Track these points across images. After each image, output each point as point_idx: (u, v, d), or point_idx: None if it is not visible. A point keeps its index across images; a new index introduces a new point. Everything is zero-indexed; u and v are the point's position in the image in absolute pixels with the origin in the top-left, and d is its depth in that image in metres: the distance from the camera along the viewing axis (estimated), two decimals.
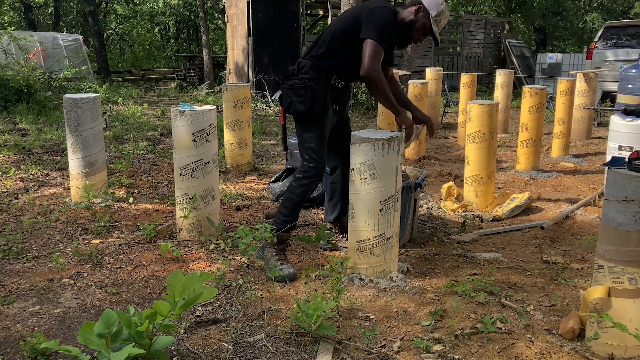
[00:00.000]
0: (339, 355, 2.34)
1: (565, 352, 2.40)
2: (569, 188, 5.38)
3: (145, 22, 27.54)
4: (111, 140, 7.28)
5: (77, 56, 15.23)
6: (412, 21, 3.18)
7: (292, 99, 3.16)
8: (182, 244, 3.65)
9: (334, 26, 3.23)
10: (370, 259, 3.05)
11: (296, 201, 3.21)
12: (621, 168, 2.30)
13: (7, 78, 9.42)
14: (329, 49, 3.17)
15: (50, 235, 3.79)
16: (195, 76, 16.63)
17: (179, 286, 2.12)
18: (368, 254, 3.04)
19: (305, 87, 3.12)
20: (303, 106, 3.14)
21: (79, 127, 4.41)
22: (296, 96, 3.15)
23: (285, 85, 3.19)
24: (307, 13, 15.94)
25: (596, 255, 2.38)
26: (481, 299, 2.87)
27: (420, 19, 3.16)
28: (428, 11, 3.14)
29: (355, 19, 3.12)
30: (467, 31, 16.46)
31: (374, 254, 3.04)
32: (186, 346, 2.39)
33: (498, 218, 4.36)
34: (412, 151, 6.68)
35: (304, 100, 3.13)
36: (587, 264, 3.41)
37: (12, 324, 2.58)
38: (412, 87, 6.84)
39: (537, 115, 5.82)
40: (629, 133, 4.38)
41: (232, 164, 5.81)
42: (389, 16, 3.09)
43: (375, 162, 2.92)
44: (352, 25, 3.12)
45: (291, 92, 3.16)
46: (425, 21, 3.16)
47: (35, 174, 5.44)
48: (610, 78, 10.30)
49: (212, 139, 3.64)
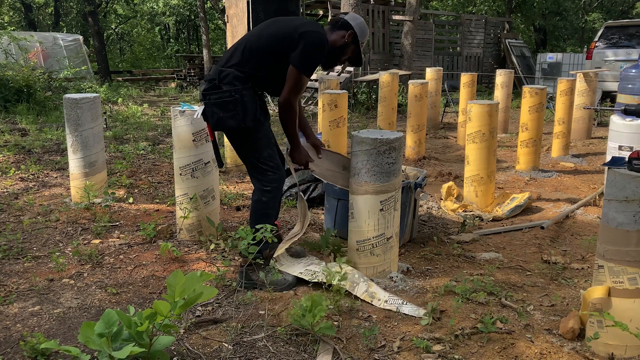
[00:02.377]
0: (339, 355, 2.34)
1: (565, 352, 2.40)
2: (569, 188, 5.38)
3: (145, 22, 27.54)
4: (111, 140, 7.28)
5: (77, 56, 15.25)
6: (343, 45, 3.01)
7: (219, 114, 2.88)
8: (182, 244, 3.65)
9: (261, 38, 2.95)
10: (371, 259, 3.05)
11: (271, 212, 3.03)
12: (621, 168, 2.30)
13: (7, 78, 9.43)
14: (255, 61, 2.92)
15: (50, 235, 3.79)
16: (195, 76, 16.63)
17: (179, 286, 2.12)
18: (368, 254, 3.05)
19: (233, 100, 2.86)
20: (234, 121, 2.88)
21: (79, 127, 4.41)
22: (224, 111, 2.87)
23: (210, 101, 2.89)
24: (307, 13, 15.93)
25: (596, 255, 2.38)
26: (481, 299, 2.87)
27: (351, 44, 3.02)
28: (357, 37, 3.01)
29: (287, 37, 2.88)
30: (467, 31, 16.46)
31: (374, 254, 3.04)
32: (186, 346, 2.39)
33: (498, 218, 4.36)
34: (412, 151, 6.68)
35: (233, 114, 2.87)
36: (587, 264, 3.41)
37: (12, 324, 2.58)
38: (412, 87, 6.84)
39: (537, 115, 5.81)
40: (629, 133, 4.39)
41: (232, 163, 5.80)
42: (323, 47, 2.91)
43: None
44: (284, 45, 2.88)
45: (217, 107, 2.88)
46: (354, 46, 3.03)
47: (35, 174, 5.45)
48: (610, 78, 10.29)
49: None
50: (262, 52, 2.91)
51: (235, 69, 2.90)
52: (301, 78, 2.87)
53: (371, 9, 13.87)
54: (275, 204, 3.06)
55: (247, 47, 2.94)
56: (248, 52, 2.93)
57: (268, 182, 2.98)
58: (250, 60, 2.91)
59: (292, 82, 2.87)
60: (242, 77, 2.89)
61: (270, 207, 3.00)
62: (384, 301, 2.82)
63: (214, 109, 2.89)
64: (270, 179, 2.98)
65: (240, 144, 3.00)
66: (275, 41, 2.91)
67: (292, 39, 2.86)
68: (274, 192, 3.00)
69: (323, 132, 5.38)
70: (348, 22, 3.01)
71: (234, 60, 2.93)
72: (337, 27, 3.03)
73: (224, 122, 2.89)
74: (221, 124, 2.91)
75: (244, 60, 2.92)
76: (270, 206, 3.01)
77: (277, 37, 2.92)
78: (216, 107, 2.88)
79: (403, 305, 2.77)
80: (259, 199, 2.99)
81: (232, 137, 3.00)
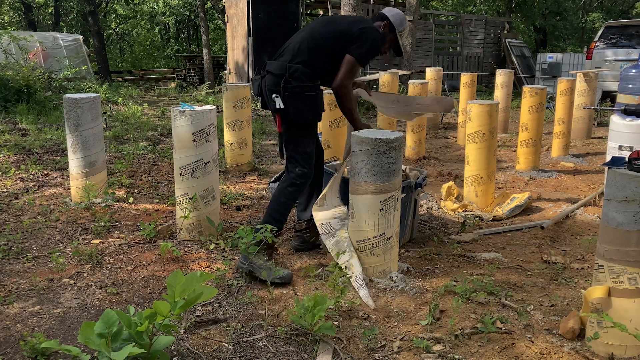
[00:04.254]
0: (339, 355, 2.34)
1: (565, 352, 2.40)
2: (569, 188, 5.38)
3: (145, 22, 27.55)
4: (111, 140, 7.28)
5: (77, 56, 15.24)
6: (382, 35, 3.33)
7: (300, 107, 3.14)
8: (182, 244, 3.65)
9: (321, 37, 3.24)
10: (370, 258, 3.05)
11: (290, 205, 3.27)
12: (621, 168, 2.30)
13: (7, 78, 9.42)
14: (318, 58, 3.20)
15: (50, 235, 3.79)
16: (195, 76, 16.63)
17: (179, 286, 2.12)
18: (368, 254, 3.05)
19: (313, 95, 3.16)
20: (311, 114, 3.19)
21: (79, 127, 4.41)
22: (304, 104, 3.15)
23: (292, 94, 3.13)
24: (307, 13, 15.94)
25: (596, 255, 2.38)
26: (481, 299, 2.87)
27: (388, 34, 3.36)
28: (394, 26, 3.35)
29: (344, 35, 3.19)
30: (467, 31, 16.46)
31: (374, 254, 3.04)
32: (186, 346, 2.39)
33: (498, 218, 4.36)
34: (412, 151, 6.68)
35: (311, 107, 3.17)
36: (587, 264, 3.41)
37: (12, 324, 2.58)
38: (412, 87, 6.84)
39: (537, 115, 5.81)
40: (629, 133, 4.38)
41: (232, 164, 5.81)
42: (379, 41, 3.25)
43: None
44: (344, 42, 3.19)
45: (299, 100, 3.13)
46: (392, 35, 3.37)
47: (35, 174, 5.45)
48: (610, 78, 10.29)
49: (212, 139, 3.64)
50: (323, 50, 3.20)
51: (303, 66, 3.15)
52: (356, 65, 3.19)
53: (371, 9, 13.87)
54: (297, 197, 3.34)
55: (309, 46, 3.20)
56: (310, 50, 3.19)
57: (299, 175, 3.24)
58: (314, 57, 3.18)
59: (348, 67, 3.16)
60: (310, 74, 3.16)
61: (292, 198, 3.27)
62: (354, 276, 2.97)
63: (296, 102, 3.13)
64: (300, 173, 3.24)
65: (300, 134, 3.25)
66: (336, 40, 3.21)
67: (352, 36, 3.17)
68: (300, 187, 3.27)
69: (323, 132, 5.38)
70: (384, 14, 3.38)
71: (301, 58, 3.17)
72: (376, 19, 3.38)
73: (303, 114, 3.17)
74: (300, 117, 3.17)
75: (309, 58, 3.17)
76: (293, 198, 3.28)
77: (337, 36, 3.21)
78: (299, 100, 3.13)
79: (362, 288, 2.91)
80: (286, 188, 3.25)
81: (296, 129, 3.23)
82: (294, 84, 3.12)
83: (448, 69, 15.76)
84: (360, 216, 3.02)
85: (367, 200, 2.98)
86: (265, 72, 3.26)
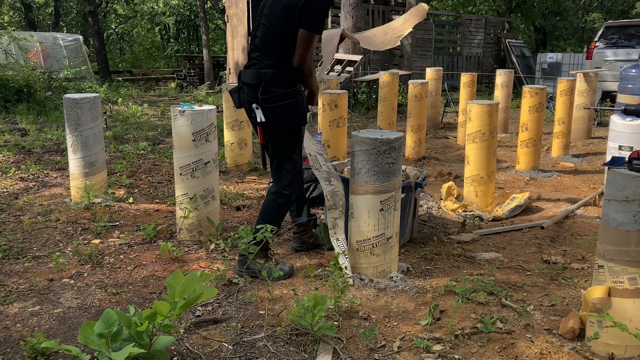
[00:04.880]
0: (339, 355, 2.34)
1: (565, 352, 2.40)
2: (569, 188, 5.38)
3: (145, 22, 27.56)
4: (111, 140, 7.28)
5: (77, 56, 15.24)
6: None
7: (281, 115, 2.97)
8: (182, 244, 3.65)
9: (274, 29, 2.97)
10: (371, 258, 3.05)
11: (283, 214, 3.21)
12: (621, 168, 2.30)
13: (7, 78, 9.42)
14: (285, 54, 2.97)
15: (50, 235, 3.79)
16: (195, 76, 16.63)
17: (179, 286, 2.12)
18: (368, 254, 3.05)
19: (294, 101, 2.98)
20: (296, 120, 3.02)
21: (79, 127, 4.41)
22: (286, 112, 2.97)
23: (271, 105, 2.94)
24: None
25: (596, 255, 2.38)
26: (481, 299, 2.87)
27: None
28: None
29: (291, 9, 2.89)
30: (467, 31, 16.46)
31: (374, 254, 3.04)
32: (186, 346, 2.39)
33: (498, 218, 4.36)
34: (412, 151, 6.68)
35: (293, 115, 3.00)
36: (587, 264, 3.41)
37: (12, 324, 2.58)
38: (412, 87, 6.83)
39: (537, 115, 5.81)
40: (629, 133, 4.38)
41: (232, 163, 5.80)
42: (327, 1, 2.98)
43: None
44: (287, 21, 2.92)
45: (278, 109, 2.95)
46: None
47: (35, 174, 5.45)
48: (610, 78, 10.29)
49: (212, 139, 3.64)
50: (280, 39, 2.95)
51: (276, 70, 2.95)
52: (313, 37, 2.94)
53: (371, 9, 13.87)
54: (289, 206, 3.24)
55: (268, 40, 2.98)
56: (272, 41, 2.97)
57: (288, 184, 3.14)
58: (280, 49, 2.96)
59: (305, 44, 2.92)
60: (287, 78, 2.97)
61: (284, 208, 3.18)
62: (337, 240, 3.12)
63: (277, 111, 2.96)
64: (290, 182, 3.13)
65: (284, 141, 3.09)
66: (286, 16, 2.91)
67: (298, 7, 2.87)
68: (290, 196, 3.17)
69: (323, 132, 5.38)
70: None
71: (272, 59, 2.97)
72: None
73: (286, 122, 3.01)
74: (282, 125, 3.02)
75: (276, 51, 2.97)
76: (285, 208, 3.18)
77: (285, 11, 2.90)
78: (279, 109, 2.96)
79: (342, 256, 3.06)
80: (275, 199, 3.14)
81: (280, 138, 3.08)
82: (273, 92, 2.94)
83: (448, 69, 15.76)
84: (360, 216, 3.02)
85: (367, 200, 2.98)
86: (241, 82, 3.08)
